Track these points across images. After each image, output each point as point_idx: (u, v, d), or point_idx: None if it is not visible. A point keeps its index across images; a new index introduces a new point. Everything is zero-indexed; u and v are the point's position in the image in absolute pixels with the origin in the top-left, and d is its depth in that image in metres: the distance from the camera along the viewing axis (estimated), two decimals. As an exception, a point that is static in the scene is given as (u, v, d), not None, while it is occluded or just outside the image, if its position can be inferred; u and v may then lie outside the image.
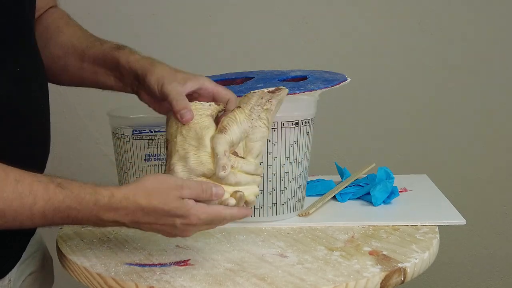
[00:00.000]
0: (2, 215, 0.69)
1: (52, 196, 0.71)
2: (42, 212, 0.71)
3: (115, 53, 0.92)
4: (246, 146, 0.83)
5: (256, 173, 0.83)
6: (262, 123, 0.82)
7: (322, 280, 0.77)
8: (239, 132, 0.81)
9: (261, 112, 0.82)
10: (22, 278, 0.93)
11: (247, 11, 1.77)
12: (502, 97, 1.81)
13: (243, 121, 0.82)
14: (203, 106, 0.83)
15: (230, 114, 0.82)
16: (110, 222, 0.75)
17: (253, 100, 0.82)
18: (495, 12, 1.77)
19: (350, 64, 1.78)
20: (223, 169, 0.79)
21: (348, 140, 1.83)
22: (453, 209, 1.04)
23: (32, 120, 0.86)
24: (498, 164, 1.84)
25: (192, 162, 0.80)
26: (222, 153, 0.79)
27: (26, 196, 0.69)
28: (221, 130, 0.81)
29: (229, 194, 0.81)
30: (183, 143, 0.82)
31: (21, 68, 0.83)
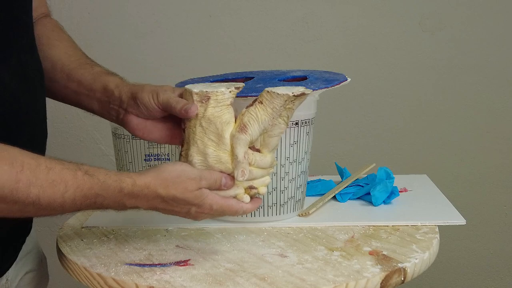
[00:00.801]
0: (37, 202, 0.71)
1: (81, 184, 0.73)
2: (73, 199, 0.73)
3: (105, 77, 0.92)
4: (264, 141, 0.82)
5: (270, 166, 0.84)
6: (282, 120, 0.82)
7: (322, 280, 0.77)
8: (259, 130, 0.81)
9: (282, 111, 0.81)
10: (19, 278, 0.94)
11: (247, 11, 1.77)
12: (502, 97, 1.81)
13: (264, 119, 0.80)
14: (224, 95, 0.81)
15: (251, 110, 0.81)
16: (131, 207, 0.79)
17: (277, 102, 0.80)
18: (496, 11, 1.77)
19: (350, 64, 1.78)
20: (242, 175, 0.80)
21: (348, 140, 1.83)
22: (453, 209, 1.04)
23: (34, 116, 0.87)
24: (498, 164, 1.84)
25: (211, 159, 0.81)
26: (242, 157, 0.80)
27: (58, 183, 0.72)
28: (242, 129, 0.80)
29: (243, 189, 0.82)
30: (202, 135, 0.81)
31: (23, 66, 0.84)
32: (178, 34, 1.78)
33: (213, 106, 0.81)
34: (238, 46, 1.79)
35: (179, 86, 1.02)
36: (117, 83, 0.91)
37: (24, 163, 0.70)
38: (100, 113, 0.93)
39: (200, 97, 0.81)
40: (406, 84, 1.81)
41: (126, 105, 0.88)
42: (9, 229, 0.87)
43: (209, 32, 1.78)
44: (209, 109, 0.81)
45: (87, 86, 0.92)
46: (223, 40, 1.78)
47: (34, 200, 0.70)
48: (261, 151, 0.83)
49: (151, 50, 1.79)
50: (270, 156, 0.83)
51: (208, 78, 1.08)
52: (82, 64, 0.95)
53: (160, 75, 1.78)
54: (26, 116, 0.84)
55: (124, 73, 1.77)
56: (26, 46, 0.87)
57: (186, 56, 1.79)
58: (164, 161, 1.09)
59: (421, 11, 1.77)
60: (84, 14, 1.76)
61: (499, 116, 1.82)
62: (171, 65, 1.79)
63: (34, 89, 0.86)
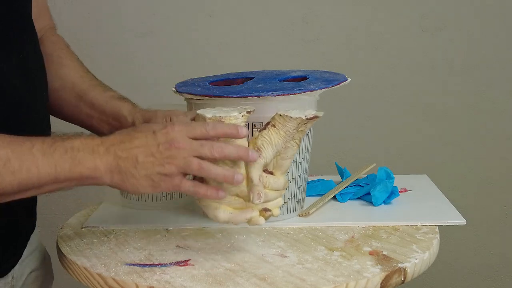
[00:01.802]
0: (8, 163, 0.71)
1: (47, 139, 0.74)
2: (42, 149, 0.72)
3: (118, 102, 0.93)
4: (276, 163, 0.83)
5: (283, 188, 0.84)
6: (294, 143, 0.83)
7: (322, 280, 0.77)
8: (273, 153, 0.81)
9: (295, 134, 0.82)
10: (24, 276, 0.94)
11: (247, 11, 1.77)
12: (502, 97, 1.81)
13: (277, 143, 0.81)
14: (237, 120, 0.81)
15: (265, 134, 0.82)
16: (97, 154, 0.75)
17: (290, 125, 0.81)
18: (496, 11, 1.77)
19: (350, 64, 1.78)
20: (258, 198, 0.79)
21: (348, 140, 1.83)
22: (453, 209, 1.04)
23: (35, 109, 0.87)
24: (498, 164, 1.84)
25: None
26: (257, 180, 0.80)
27: (24, 141, 0.72)
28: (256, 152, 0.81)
29: (258, 212, 0.81)
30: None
31: (25, 61, 0.84)
32: (178, 34, 1.78)
33: None
34: (238, 46, 1.79)
35: (179, 86, 1.02)
36: (129, 109, 0.91)
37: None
38: None
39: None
40: (406, 84, 1.81)
41: None
42: (13, 227, 0.87)
43: (209, 32, 1.78)
44: None
45: (99, 109, 0.93)
46: (223, 40, 1.78)
47: (5, 161, 0.71)
48: (274, 174, 0.83)
49: (151, 50, 1.79)
50: (283, 178, 0.84)
51: (208, 78, 1.08)
52: (95, 86, 0.95)
53: (160, 75, 1.78)
54: (27, 109, 0.84)
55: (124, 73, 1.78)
56: (28, 40, 0.87)
57: (186, 56, 1.79)
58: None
59: (421, 11, 1.77)
60: (84, 14, 1.76)
61: (499, 116, 1.82)
62: (171, 65, 1.79)
63: (35, 82, 0.87)
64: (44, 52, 0.95)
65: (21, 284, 0.93)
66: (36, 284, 0.97)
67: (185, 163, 0.74)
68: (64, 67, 0.97)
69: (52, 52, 0.97)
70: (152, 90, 1.76)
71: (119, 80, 1.03)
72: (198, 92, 0.96)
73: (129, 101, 0.93)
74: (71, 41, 1.05)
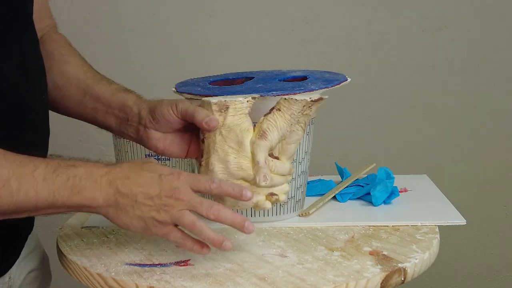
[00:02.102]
0: (8, 184, 0.71)
1: (50, 161, 0.74)
2: (44, 175, 0.73)
3: (123, 94, 0.93)
4: (282, 148, 0.83)
5: (289, 173, 0.84)
6: (299, 127, 0.83)
7: (322, 280, 0.77)
8: (278, 137, 0.82)
9: (300, 117, 0.82)
10: (22, 276, 0.94)
11: (247, 11, 1.77)
12: (502, 97, 1.81)
13: (283, 126, 0.82)
14: (242, 104, 0.83)
15: (270, 118, 0.82)
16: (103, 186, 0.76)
17: (295, 108, 0.81)
18: (496, 11, 1.77)
19: (350, 64, 1.78)
20: (264, 179, 0.80)
21: (348, 140, 1.83)
22: (453, 209, 1.04)
23: (35, 109, 0.87)
24: (498, 164, 1.84)
25: (232, 167, 0.81)
26: (263, 162, 0.80)
27: (27, 163, 0.72)
28: (262, 136, 0.81)
29: (264, 196, 0.82)
30: (222, 144, 0.82)
31: (25, 60, 0.85)
32: (178, 34, 1.78)
33: (232, 115, 0.82)
34: (238, 46, 1.79)
35: (179, 86, 1.02)
36: (135, 100, 0.91)
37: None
38: (117, 130, 0.94)
39: (219, 107, 0.82)
40: (406, 84, 1.81)
41: (145, 120, 0.89)
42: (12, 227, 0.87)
43: (209, 32, 1.78)
44: (228, 117, 0.82)
45: (105, 102, 0.93)
46: (223, 40, 1.78)
47: (4, 181, 0.71)
48: (279, 159, 0.84)
49: (151, 50, 1.79)
50: (289, 163, 0.84)
51: (208, 78, 1.08)
52: (99, 80, 0.95)
53: (160, 75, 1.78)
54: (27, 109, 0.84)
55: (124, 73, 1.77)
56: (28, 40, 0.87)
57: (186, 56, 1.79)
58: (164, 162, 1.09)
59: (421, 11, 1.77)
60: (84, 14, 1.76)
61: (499, 116, 1.82)
62: (171, 65, 1.79)
63: (35, 82, 0.87)
64: (46, 50, 0.95)
65: (19, 284, 0.93)
66: (34, 284, 0.97)
67: (180, 216, 0.76)
68: (67, 64, 0.97)
69: (54, 50, 0.97)
70: (152, 90, 1.75)
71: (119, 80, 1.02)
72: (198, 92, 0.96)
73: (134, 93, 0.94)
74: (71, 41, 1.05)
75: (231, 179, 0.82)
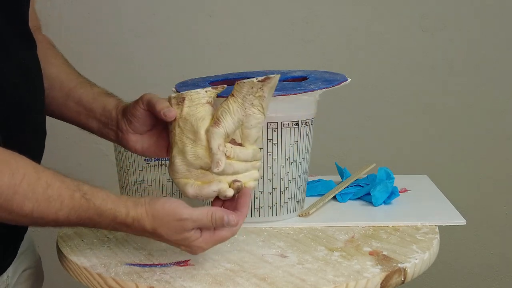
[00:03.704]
0: (30, 215, 0.73)
1: (76, 205, 0.75)
2: (66, 217, 0.75)
3: (104, 98, 0.93)
4: (243, 133, 0.83)
5: (254, 159, 0.84)
6: (256, 110, 0.82)
7: (322, 280, 0.77)
8: (233, 122, 0.82)
9: (253, 100, 0.82)
10: (17, 275, 0.94)
11: (247, 11, 1.77)
12: (502, 97, 1.81)
13: (237, 110, 0.82)
14: (198, 94, 0.84)
15: (224, 104, 0.82)
16: (125, 232, 0.80)
17: (244, 90, 0.82)
18: (496, 11, 1.77)
19: (350, 64, 1.78)
20: (217, 165, 0.80)
21: (348, 140, 1.83)
22: (453, 209, 1.04)
23: (35, 109, 0.87)
24: (498, 164, 1.84)
25: (190, 156, 0.82)
26: (216, 148, 0.80)
27: (54, 200, 0.74)
28: (215, 123, 0.81)
29: (227, 183, 0.82)
30: (181, 135, 0.83)
31: (24, 60, 0.85)
32: (178, 34, 1.78)
33: (188, 106, 0.83)
34: (238, 46, 1.79)
35: (179, 86, 1.02)
36: (115, 104, 0.92)
37: (25, 176, 0.72)
38: (99, 133, 0.94)
39: (177, 100, 0.84)
40: (406, 84, 1.81)
41: (121, 124, 0.90)
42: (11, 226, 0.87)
43: (209, 32, 1.78)
44: (185, 109, 0.83)
45: (87, 105, 0.93)
46: (223, 40, 1.78)
47: (27, 213, 0.73)
48: (243, 145, 0.83)
49: (151, 50, 1.79)
50: (252, 148, 0.83)
51: (208, 78, 1.08)
52: (82, 83, 0.96)
53: (160, 75, 1.78)
54: (28, 111, 0.85)
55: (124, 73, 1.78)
56: (26, 40, 0.87)
57: (186, 56, 1.79)
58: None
59: (421, 11, 1.77)
60: (84, 14, 1.76)
61: (499, 116, 1.82)
62: (171, 65, 1.79)
63: (34, 84, 0.87)
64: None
65: (14, 282, 0.93)
66: (27, 283, 0.98)
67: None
68: (50, 65, 0.97)
69: (38, 51, 0.97)
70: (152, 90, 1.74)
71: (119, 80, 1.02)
72: (198, 92, 0.96)
73: (115, 97, 0.95)
74: (71, 41, 1.05)
75: (192, 169, 0.82)
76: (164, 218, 0.77)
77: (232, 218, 0.78)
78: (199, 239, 0.78)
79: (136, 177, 1.10)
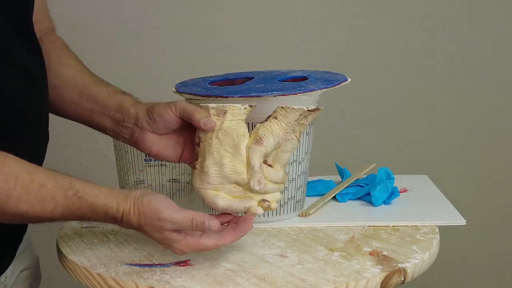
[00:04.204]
0: (26, 215, 0.75)
1: (70, 204, 0.76)
2: (61, 215, 0.77)
3: (120, 96, 0.93)
4: (276, 156, 0.84)
5: (282, 182, 0.85)
6: (295, 136, 0.84)
7: (322, 280, 0.77)
8: (274, 144, 0.83)
9: (296, 126, 0.83)
10: (15, 276, 0.94)
11: (247, 11, 1.77)
12: (502, 97, 1.81)
13: (278, 133, 0.83)
14: (240, 110, 0.84)
15: (266, 125, 0.83)
16: (118, 226, 0.81)
17: (292, 116, 0.82)
18: (496, 12, 1.77)
19: (350, 64, 1.78)
20: (258, 184, 0.81)
21: (348, 140, 1.83)
22: (453, 209, 1.04)
23: (38, 116, 0.88)
24: (498, 164, 1.84)
25: (227, 170, 0.82)
26: (258, 167, 0.81)
27: (48, 201, 0.75)
28: (258, 141, 0.82)
29: (257, 202, 0.83)
30: (218, 147, 0.83)
31: (30, 69, 0.85)
32: (178, 34, 1.78)
33: (230, 120, 0.83)
34: (238, 46, 1.79)
35: (179, 86, 1.02)
36: (132, 102, 0.92)
37: (18, 179, 0.73)
38: (112, 131, 0.94)
39: (217, 111, 0.83)
40: (406, 84, 1.81)
41: (142, 121, 0.89)
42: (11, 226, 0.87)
43: (209, 32, 1.78)
44: (226, 122, 0.83)
45: (102, 102, 0.93)
46: (223, 40, 1.78)
47: (22, 213, 0.75)
48: (273, 167, 0.84)
49: (151, 50, 1.79)
50: (283, 171, 0.85)
51: (208, 78, 1.08)
52: (96, 81, 0.96)
53: (160, 75, 1.78)
54: (31, 117, 0.85)
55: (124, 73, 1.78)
56: (31, 49, 0.88)
57: (186, 56, 1.79)
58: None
59: (421, 11, 1.77)
60: (84, 14, 1.76)
61: (499, 116, 1.82)
62: (171, 65, 1.79)
63: (38, 91, 0.88)
64: (44, 52, 0.95)
65: (12, 283, 0.93)
66: (25, 283, 0.98)
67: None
68: (64, 65, 0.97)
69: (52, 52, 0.97)
70: (152, 90, 1.76)
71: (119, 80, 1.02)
72: (198, 92, 0.96)
73: (131, 95, 0.95)
74: (71, 41, 1.05)
75: (225, 183, 0.82)
76: (147, 215, 0.77)
77: (213, 224, 0.78)
78: (181, 241, 0.78)
79: (136, 177, 1.10)
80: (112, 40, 1.77)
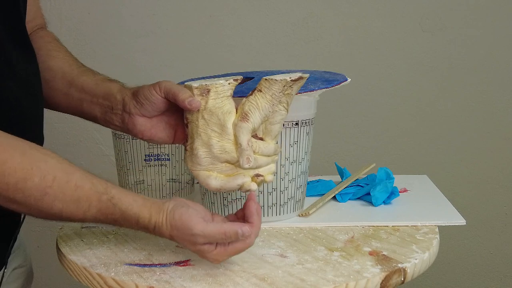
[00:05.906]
0: (59, 214, 0.76)
1: (103, 208, 0.78)
2: (94, 217, 0.79)
3: (107, 83, 0.93)
4: (266, 128, 0.84)
5: (275, 153, 0.85)
6: (282, 107, 0.83)
7: (322, 280, 0.77)
8: (260, 118, 0.82)
9: (282, 97, 0.82)
10: (8, 273, 0.94)
11: (247, 11, 1.77)
12: (502, 97, 1.81)
13: (264, 106, 0.82)
14: (224, 87, 0.83)
15: (251, 99, 0.82)
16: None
17: (276, 88, 0.81)
18: (496, 11, 1.77)
19: (350, 64, 1.78)
20: (248, 162, 0.81)
21: (348, 140, 1.83)
22: (453, 209, 1.04)
23: (35, 120, 0.88)
24: (498, 164, 1.84)
25: (216, 150, 0.82)
26: (246, 144, 0.81)
27: (83, 202, 0.77)
28: (243, 118, 0.81)
29: (250, 177, 0.82)
30: (205, 127, 0.82)
31: (28, 75, 0.86)
32: (178, 35, 1.78)
33: (214, 98, 0.82)
34: (238, 46, 1.79)
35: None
36: (119, 88, 0.92)
37: (55, 178, 0.75)
38: (103, 119, 0.93)
39: (200, 91, 0.82)
40: (406, 84, 1.81)
41: (129, 106, 0.89)
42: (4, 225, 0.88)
43: (209, 32, 1.78)
44: (210, 101, 0.82)
45: (90, 91, 0.93)
46: (223, 40, 1.78)
47: (56, 212, 0.76)
48: (264, 139, 0.84)
49: (151, 50, 1.79)
50: (274, 143, 0.84)
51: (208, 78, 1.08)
52: (84, 71, 0.96)
53: (160, 76, 1.77)
54: (28, 121, 0.85)
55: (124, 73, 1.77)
56: (28, 55, 0.88)
57: (186, 56, 1.79)
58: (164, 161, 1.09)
59: (421, 11, 1.77)
60: (84, 14, 1.76)
61: (499, 116, 1.82)
62: (171, 65, 1.79)
63: (35, 95, 0.88)
64: (34, 47, 0.96)
65: (5, 281, 0.93)
66: (18, 281, 0.98)
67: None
68: (53, 58, 0.97)
69: (41, 46, 0.98)
70: (152, 90, 1.76)
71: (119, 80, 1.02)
72: (198, 92, 0.96)
73: (118, 82, 0.95)
74: (71, 41, 1.05)
75: (216, 162, 0.82)
76: (179, 229, 0.78)
77: (245, 229, 0.78)
78: (213, 252, 0.78)
79: (136, 177, 1.10)
80: (112, 40, 1.77)
